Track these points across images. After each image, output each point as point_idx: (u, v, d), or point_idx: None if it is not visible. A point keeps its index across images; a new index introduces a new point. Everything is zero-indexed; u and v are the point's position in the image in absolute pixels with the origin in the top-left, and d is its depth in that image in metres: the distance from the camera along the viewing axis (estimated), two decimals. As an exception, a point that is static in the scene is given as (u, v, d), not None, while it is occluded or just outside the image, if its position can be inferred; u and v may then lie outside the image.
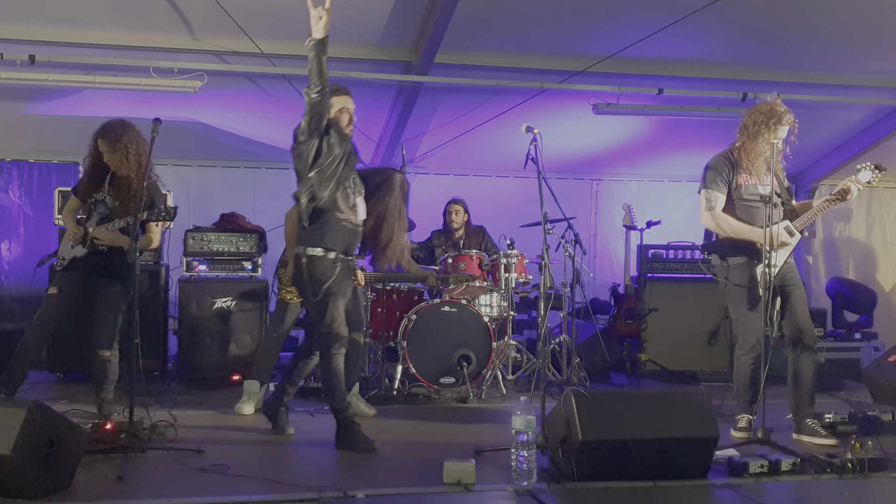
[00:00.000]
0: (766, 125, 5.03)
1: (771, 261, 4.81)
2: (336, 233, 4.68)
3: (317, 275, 4.63)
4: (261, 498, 3.68)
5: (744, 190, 5.11)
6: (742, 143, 5.15)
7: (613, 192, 9.37)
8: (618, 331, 7.49)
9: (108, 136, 5.21)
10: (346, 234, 4.73)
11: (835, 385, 7.28)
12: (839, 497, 3.94)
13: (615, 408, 4.03)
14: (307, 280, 4.64)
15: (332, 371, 4.73)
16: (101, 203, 5.26)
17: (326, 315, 4.67)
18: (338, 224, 4.69)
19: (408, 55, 7.03)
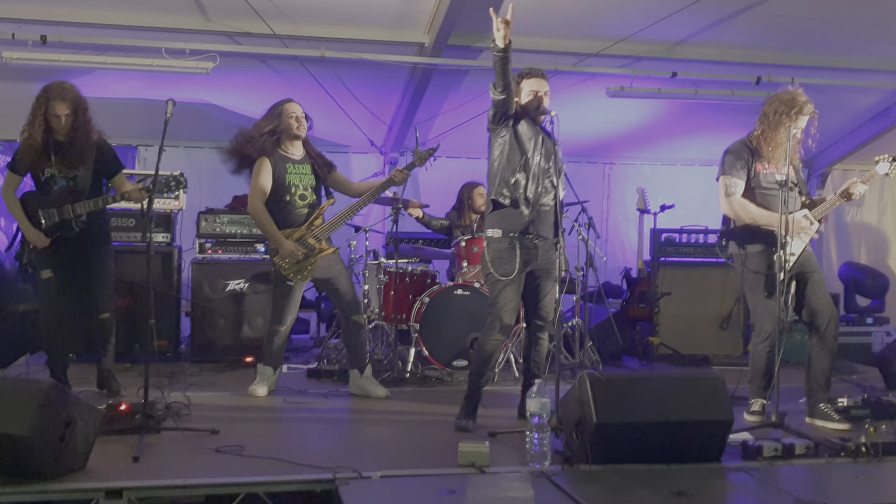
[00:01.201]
0: (787, 114, 4.97)
1: (788, 247, 4.80)
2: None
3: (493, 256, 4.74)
4: (276, 478, 3.69)
5: (762, 178, 5.07)
6: (762, 132, 5.09)
7: (626, 175, 9.34)
8: (630, 314, 7.48)
9: (67, 98, 5.13)
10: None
11: (847, 369, 7.26)
12: (853, 481, 3.93)
13: (630, 391, 4.02)
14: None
15: (480, 351, 4.80)
16: (56, 178, 5.21)
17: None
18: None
19: (421, 37, 7.00)
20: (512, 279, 4.70)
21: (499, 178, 4.77)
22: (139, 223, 6.75)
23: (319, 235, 5.51)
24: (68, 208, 5.17)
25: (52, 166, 5.19)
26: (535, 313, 4.96)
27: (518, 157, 4.73)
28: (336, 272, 5.58)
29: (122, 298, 6.48)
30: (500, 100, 4.63)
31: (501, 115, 4.71)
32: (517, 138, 4.75)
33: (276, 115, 5.55)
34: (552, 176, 4.80)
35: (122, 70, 6.83)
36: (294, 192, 5.54)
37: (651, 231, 7.79)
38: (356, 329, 5.61)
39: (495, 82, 4.59)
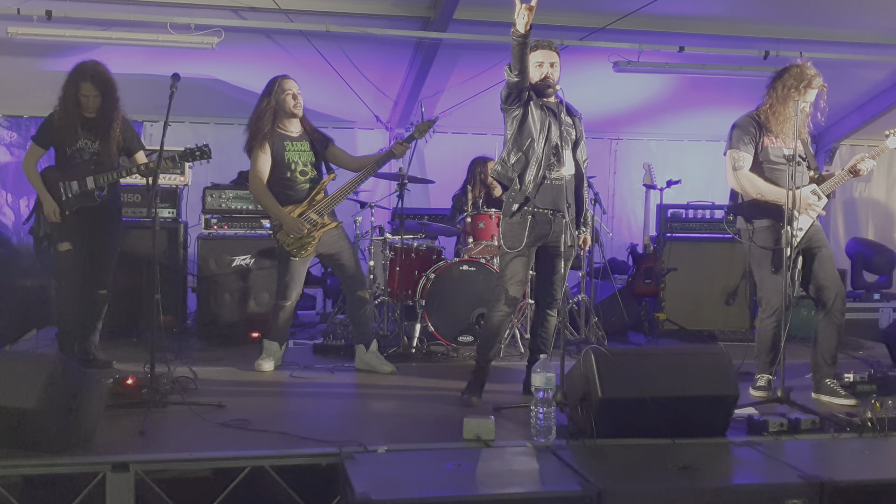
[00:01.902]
0: (795, 88, 4.95)
1: (795, 222, 4.79)
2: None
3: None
4: (281, 452, 3.71)
5: (770, 152, 5.05)
6: (770, 105, 5.07)
7: (632, 151, 9.30)
8: (636, 290, 7.47)
9: (98, 80, 5.25)
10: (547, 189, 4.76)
11: (854, 345, 7.25)
12: (859, 455, 3.93)
13: (635, 366, 4.02)
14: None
15: (488, 324, 4.83)
16: (83, 151, 5.30)
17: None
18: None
19: (426, 11, 6.96)
20: (520, 251, 4.70)
21: (502, 156, 4.79)
22: (145, 198, 6.75)
23: (321, 210, 5.51)
24: (90, 179, 5.24)
25: (79, 139, 5.27)
26: (546, 290, 4.96)
27: (525, 140, 4.72)
28: (340, 247, 5.59)
29: (129, 274, 6.48)
30: (515, 82, 4.60)
31: (515, 96, 4.69)
32: (527, 120, 4.72)
33: (272, 92, 5.55)
34: (564, 150, 4.77)
35: (127, 45, 6.81)
36: (294, 168, 5.55)
37: (657, 207, 7.76)
38: (361, 304, 5.63)
39: (511, 65, 4.56)
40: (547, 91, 4.76)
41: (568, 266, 4.86)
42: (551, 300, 4.95)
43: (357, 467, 3.44)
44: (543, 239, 4.78)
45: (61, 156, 5.36)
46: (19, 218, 7.96)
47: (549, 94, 4.79)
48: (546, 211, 4.73)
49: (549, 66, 4.76)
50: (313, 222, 5.48)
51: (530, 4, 4.33)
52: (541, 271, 4.98)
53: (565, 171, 4.77)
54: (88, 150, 5.30)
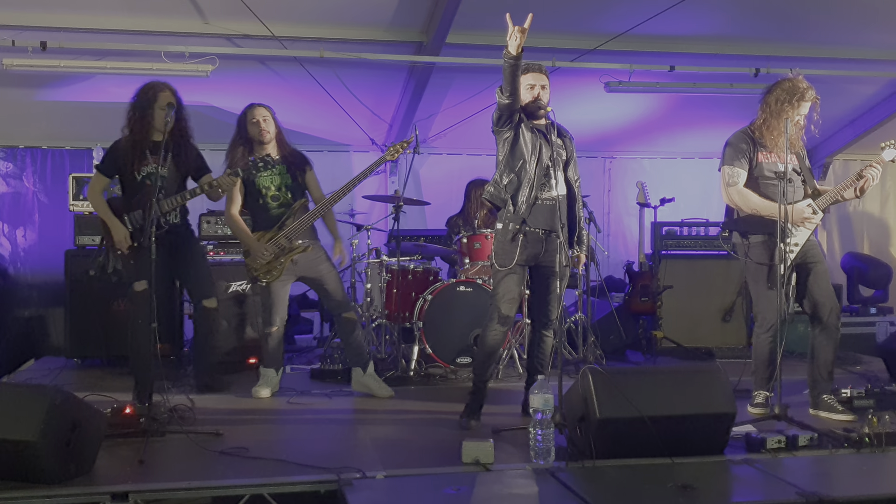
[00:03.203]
0: (788, 102, 4.97)
1: (792, 238, 4.81)
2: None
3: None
4: (280, 479, 3.70)
5: (764, 167, 5.06)
6: (763, 120, 5.09)
7: (626, 169, 9.34)
8: (633, 308, 7.48)
9: (173, 97, 5.20)
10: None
11: (851, 360, 7.26)
12: (857, 471, 3.94)
13: (632, 385, 4.03)
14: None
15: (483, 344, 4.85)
16: (152, 176, 5.12)
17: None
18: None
19: (419, 36, 7.01)
20: (511, 269, 4.72)
21: (494, 177, 4.82)
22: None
23: (291, 235, 5.52)
24: (156, 206, 4.96)
25: (148, 164, 5.19)
26: (541, 310, 4.97)
27: (517, 162, 4.75)
28: (321, 270, 5.61)
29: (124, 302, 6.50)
30: (506, 104, 4.64)
31: (506, 118, 4.73)
32: (518, 142, 4.76)
33: (241, 121, 5.68)
34: (556, 171, 4.80)
35: (122, 74, 6.83)
36: (266, 193, 5.60)
37: (652, 224, 7.80)
38: (349, 326, 5.63)
39: (503, 87, 4.60)
40: (538, 113, 4.80)
41: (563, 286, 4.86)
42: (547, 320, 4.95)
43: (356, 494, 3.44)
44: (536, 258, 4.80)
45: (128, 183, 5.26)
46: (16, 248, 7.97)
47: (540, 116, 4.82)
48: (538, 231, 4.75)
49: (539, 89, 4.81)
50: (280, 247, 5.49)
51: (523, 27, 4.38)
52: (536, 291, 5.00)
53: (557, 191, 4.79)
54: (157, 174, 5.08)
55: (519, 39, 4.38)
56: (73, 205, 6.82)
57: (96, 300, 6.63)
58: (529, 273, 4.91)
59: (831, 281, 5.27)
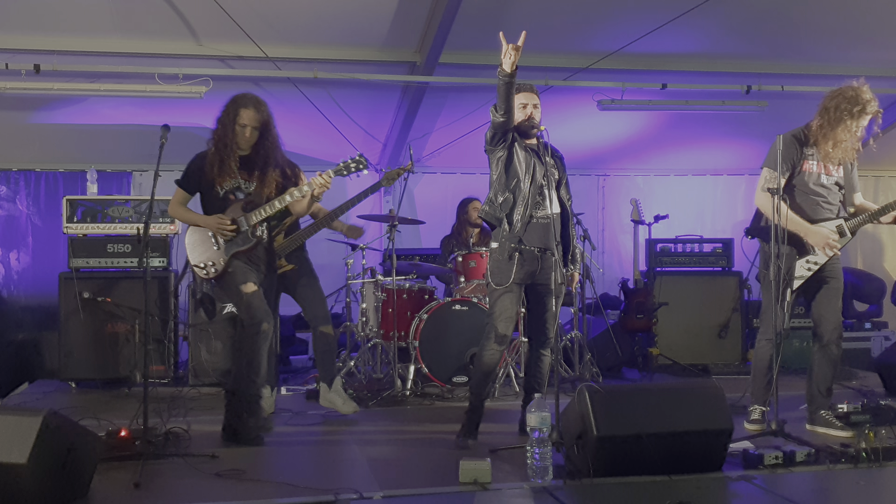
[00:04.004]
0: (849, 112, 4.84)
1: (812, 257, 4.90)
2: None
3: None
4: (276, 501, 3.68)
5: (808, 178, 4.97)
6: (819, 126, 4.95)
7: (620, 187, 9.37)
8: (629, 326, 7.48)
9: (259, 108, 4.87)
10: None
11: (846, 375, 7.25)
12: (854, 486, 3.93)
13: (629, 403, 4.03)
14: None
15: (479, 363, 4.81)
16: (238, 190, 4.88)
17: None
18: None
19: (412, 56, 7.05)
20: (508, 288, 4.71)
21: (489, 196, 4.83)
22: (135, 248, 6.76)
23: (280, 252, 5.52)
24: (241, 220, 4.80)
25: (235, 177, 4.86)
26: (539, 329, 4.96)
27: (511, 180, 4.76)
28: (304, 283, 5.62)
29: (119, 324, 6.49)
30: (500, 122, 4.65)
31: (500, 137, 4.74)
32: (512, 161, 4.77)
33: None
34: (549, 190, 4.81)
35: (116, 97, 6.87)
36: None
37: (646, 241, 7.82)
38: (325, 340, 5.57)
39: (497, 105, 4.61)
40: (531, 132, 4.81)
41: (559, 304, 4.87)
42: (544, 339, 4.95)
43: (353, 514, 3.42)
44: (532, 276, 4.80)
45: (212, 199, 4.91)
46: (9, 271, 7.97)
47: (532, 136, 4.84)
48: (534, 249, 4.76)
49: (532, 108, 4.83)
50: None
51: (517, 45, 4.40)
52: (532, 310, 5.00)
53: (552, 209, 4.80)
54: (244, 189, 4.86)
55: (513, 57, 4.40)
56: (66, 227, 6.81)
57: (90, 323, 6.61)
58: (525, 292, 4.90)
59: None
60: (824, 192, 5.00)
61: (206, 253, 4.86)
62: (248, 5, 6.23)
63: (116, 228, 6.83)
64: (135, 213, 6.83)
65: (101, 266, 6.82)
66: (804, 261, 4.96)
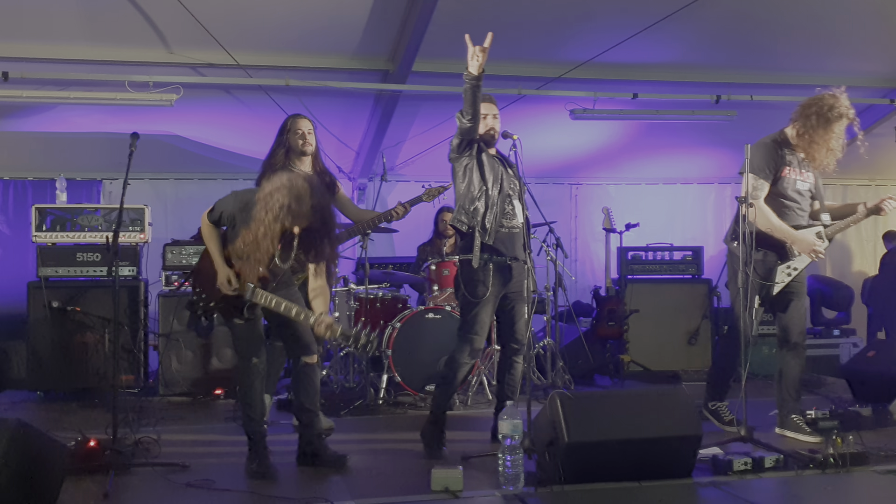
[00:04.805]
0: (832, 118, 4.91)
1: (792, 263, 4.99)
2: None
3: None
4: (248, 511, 3.67)
5: (787, 185, 5.03)
6: (799, 133, 5.02)
7: (592, 195, 9.43)
8: (600, 333, 7.52)
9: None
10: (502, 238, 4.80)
11: (815, 381, 7.34)
12: (822, 492, 3.98)
13: (600, 409, 4.05)
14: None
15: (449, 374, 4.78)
16: None
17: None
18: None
19: (385, 64, 7.06)
20: (485, 300, 4.72)
21: (458, 205, 4.83)
22: (105, 257, 6.70)
23: None
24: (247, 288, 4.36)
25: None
26: (512, 337, 4.97)
27: (479, 186, 4.77)
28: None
29: (88, 334, 6.43)
30: (468, 128, 4.67)
31: (466, 144, 4.75)
32: (479, 168, 4.79)
33: (284, 131, 5.47)
34: (514, 200, 4.84)
35: (86, 104, 6.81)
36: None
37: (618, 249, 7.87)
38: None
39: (464, 109, 4.63)
40: (492, 138, 4.86)
41: (531, 311, 4.90)
42: (518, 346, 4.96)
43: (324, 523, 3.41)
44: (505, 286, 4.82)
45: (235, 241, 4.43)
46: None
47: (493, 145, 4.89)
48: (506, 259, 4.78)
49: (492, 118, 4.86)
50: None
51: (483, 46, 4.41)
52: (504, 318, 5.01)
53: (518, 219, 4.85)
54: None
55: (480, 59, 4.43)
56: (35, 236, 6.74)
57: (59, 332, 6.54)
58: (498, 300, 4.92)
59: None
60: (799, 199, 5.09)
61: (208, 285, 4.45)
62: (219, 13, 6.21)
63: (86, 237, 6.77)
64: (104, 221, 6.77)
65: (70, 275, 6.75)
66: (785, 266, 5.04)
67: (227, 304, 4.36)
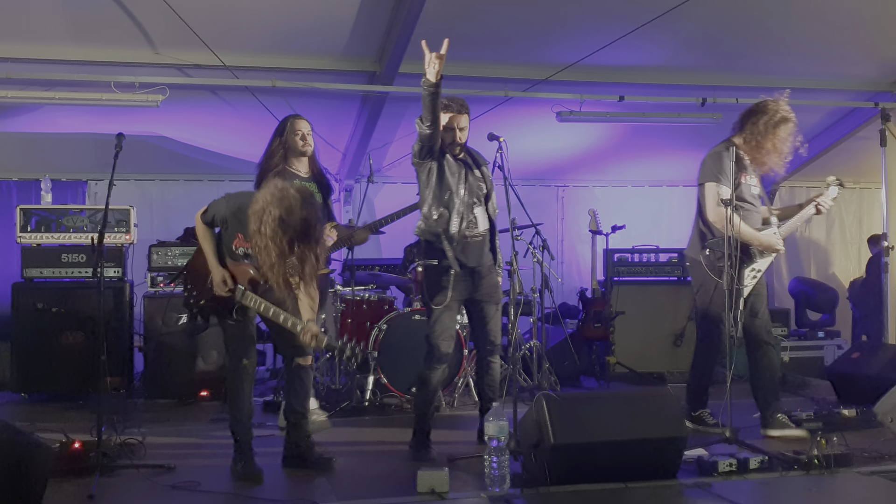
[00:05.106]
0: (773, 123, 5.07)
1: (756, 265, 5.10)
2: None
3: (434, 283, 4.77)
4: (234, 512, 3.66)
5: (744, 190, 5.15)
6: (746, 140, 5.16)
7: (579, 197, 9.45)
8: (586, 335, 7.54)
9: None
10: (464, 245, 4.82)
11: (799, 383, 7.38)
12: (806, 493, 4.00)
13: (586, 411, 4.06)
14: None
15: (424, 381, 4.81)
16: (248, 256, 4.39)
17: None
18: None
19: (372, 65, 7.05)
20: (447, 306, 4.75)
21: (422, 213, 4.83)
22: (90, 258, 6.67)
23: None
24: (238, 290, 4.34)
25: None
26: (484, 338, 5.00)
27: (443, 193, 4.77)
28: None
29: (74, 335, 6.40)
30: (427, 134, 4.65)
31: (428, 149, 4.74)
32: (442, 173, 4.78)
33: (283, 132, 5.46)
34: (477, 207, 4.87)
35: (71, 105, 6.78)
36: None
37: (604, 251, 7.89)
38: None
39: (423, 116, 4.61)
40: (453, 148, 4.85)
41: (499, 311, 4.92)
42: (491, 347, 4.98)
43: (310, 525, 3.40)
44: (469, 292, 4.87)
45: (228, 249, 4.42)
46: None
47: (457, 151, 4.88)
48: (469, 267, 4.81)
49: (459, 132, 4.84)
50: None
51: (440, 53, 4.41)
52: (475, 322, 5.04)
53: (481, 227, 4.87)
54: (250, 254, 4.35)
55: (437, 66, 4.43)
56: (20, 237, 6.70)
57: (44, 333, 6.50)
58: (465, 306, 4.94)
59: (780, 305, 5.42)
60: (754, 202, 5.26)
61: (200, 285, 4.45)
62: (205, 13, 6.19)
63: (71, 238, 6.73)
64: (90, 222, 6.74)
65: (55, 276, 6.72)
66: (749, 269, 5.14)
67: (216, 304, 4.35)
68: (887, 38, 7.28)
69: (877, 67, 7.80)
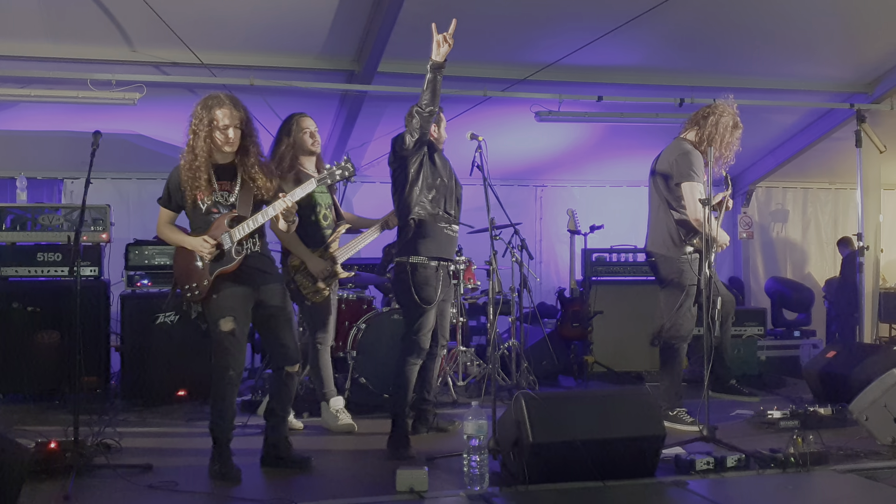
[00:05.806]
0: (729, 127, 5.34)
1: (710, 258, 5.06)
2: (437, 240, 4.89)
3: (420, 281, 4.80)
4: (211, 513, 3.65)
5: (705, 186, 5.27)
6: (701, 140, 5.39)
7: (557, 197, 9.48)
8: (565, 334, 7.57)
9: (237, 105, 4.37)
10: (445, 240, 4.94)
11: (776, 382, 7.44)
12: (783, 491, 4.03)
13: (564, 409, 4.08)
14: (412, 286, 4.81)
15: (403, 379, 4.86)
16: (219, 205, 4.33)
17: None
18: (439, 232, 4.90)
19: (350, 64, 7.04)
20: (434, 304, 4.85)
21: (416, 197, 4.86)
22: (66, 257, 6.61)
23: (338, 258, 5.39)
24: (225, 237, 4.27)
25: (214, 192, 4.32)
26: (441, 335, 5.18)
27: (434, 178, 4.90)
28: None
29: (50, 334, 6.34)
30: (427, 116, 4.71)
31: (421, 138, 4.81)
32: (433, 163, 4.92)
33: (290, 131, 5.36)
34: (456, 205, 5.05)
35: (47, 102, 6.71)
36: (318, 210, 5.37)
37: (582, 251, 7.92)
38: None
39: (423, 101, 4.69)
40: (440, 146, 5.04)
41: (496, 312, 5.01)
42: (444, 342, 5.23)
43: (289, 525, 3.39)
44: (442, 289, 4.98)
45: (196, 216, 4.38)
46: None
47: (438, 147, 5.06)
48: (446, 263, 4.96)
49: (435, 128, 5.03)
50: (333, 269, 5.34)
51: (448, 33, 4.44)
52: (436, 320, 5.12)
53: (455, 225, 5.03)
54: (225, 202, 4.33)
55: (445, 48, 4.47)
56: (-6, 236, 6.63)
57: (19, 333, 6.43)
58: None
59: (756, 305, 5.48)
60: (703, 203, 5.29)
61: (191, 274, 4.31)
62: (183, 11, 6.15)
63: (47, 237, 6.66)
64: (66, 221, 6.67)
65: (30, 275, 6.65)
66: (706, 264, 5.20)
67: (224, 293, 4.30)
68: (863, 40, 7.36)
69: (852, 69, 7.88)
